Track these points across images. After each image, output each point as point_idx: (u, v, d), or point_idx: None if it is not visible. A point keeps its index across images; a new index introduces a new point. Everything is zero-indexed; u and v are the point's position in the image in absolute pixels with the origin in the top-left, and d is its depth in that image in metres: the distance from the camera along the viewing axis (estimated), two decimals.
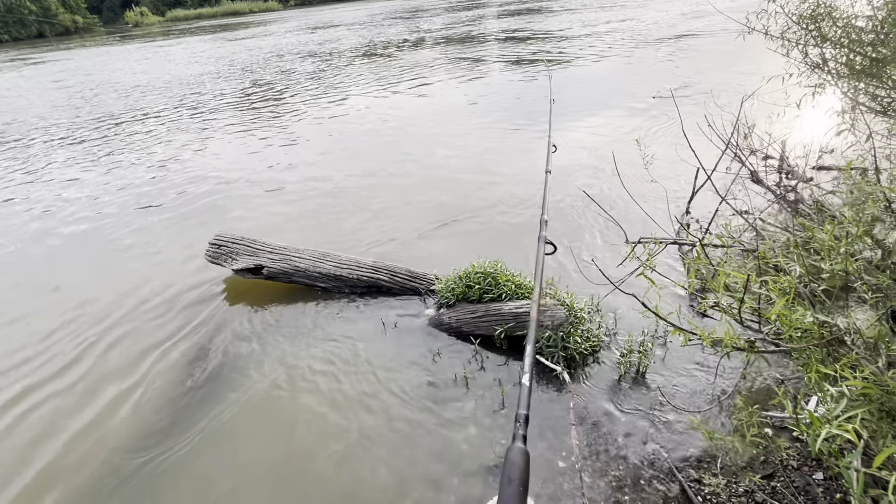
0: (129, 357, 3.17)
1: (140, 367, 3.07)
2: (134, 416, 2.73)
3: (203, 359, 3.08)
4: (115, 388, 2.93)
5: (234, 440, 2.51)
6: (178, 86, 13.10)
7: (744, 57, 8.40)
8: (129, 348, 3.26)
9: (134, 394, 2.87)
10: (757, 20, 3.33)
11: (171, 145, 7.82)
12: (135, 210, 5.51)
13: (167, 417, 2.68)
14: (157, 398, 2.83)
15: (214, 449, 2.47)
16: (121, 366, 3.10)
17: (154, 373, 3.02)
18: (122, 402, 2.82)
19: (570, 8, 21.25)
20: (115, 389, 2.92)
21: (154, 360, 3.12)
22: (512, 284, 3.03)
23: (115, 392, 2.90)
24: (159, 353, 3.18)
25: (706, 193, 3.84)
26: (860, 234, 1.60)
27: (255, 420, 2.61)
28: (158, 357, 3.14)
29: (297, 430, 2.52)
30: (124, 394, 2.88)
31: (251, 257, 3.67)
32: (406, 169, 5.92)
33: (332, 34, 21.87)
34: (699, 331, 1.78)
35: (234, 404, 2.71)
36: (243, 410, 2.67)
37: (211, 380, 2.91)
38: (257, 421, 2.61)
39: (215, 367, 3.00)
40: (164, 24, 46.71)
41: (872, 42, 3.15)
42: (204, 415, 2.65)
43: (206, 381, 2.90)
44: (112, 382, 2.98)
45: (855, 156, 3.40)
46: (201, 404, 2.73)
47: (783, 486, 1.99)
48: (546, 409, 2.49)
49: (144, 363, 3.10)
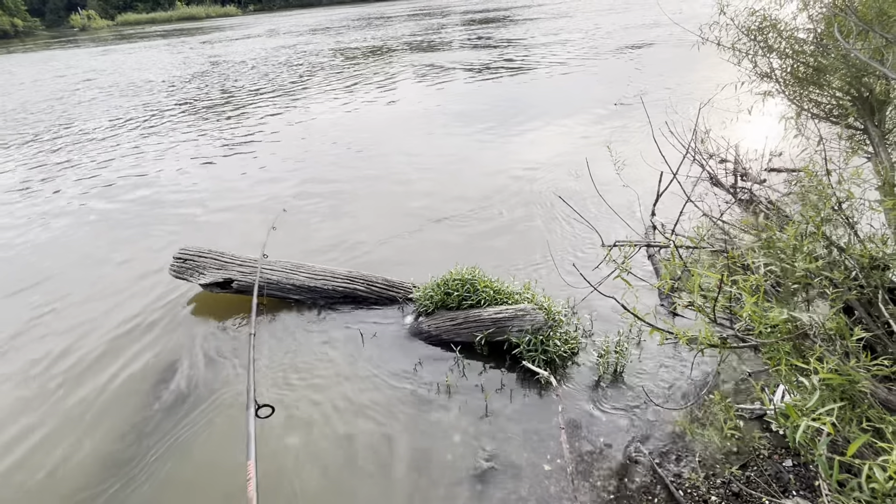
0: (91, 382, 2.97)
1: (102, 391, 2.88)
2: (97, 444, 2.54)
3: (169, 380, 2.92)
4: (76, 413, 2.73)
5: (204, 467, 2.39)
6: (127, 94, 12.50)
7: (699, 65, 8.87)
8: (90, 372, 3.05)
9: (96, 420, 2.68)
10: (710, 31, 3.52)
11: (126, 159, 7.44)
12: (89, 224, 5.19)
13: (132, 445, 2.51)
14: (122, 424, 2.65)
15: (181, 479, 2.33)
16: (82, 391, 2.90)
17: (117, 397, 2.83)
18: (83, 430, 2.63)
19: (531, 17, 21.80)
20: (77, 415, 2.72)
21: (117, 383, 2.93)
22: (490, 290, 3.04)
23: (76, 418, 2.70)
24: (123, 376, 2.99)
25: (667, 196, 4.01)
26: (818, 236, 1.71)
27: (226, 443, 2.49)
28: (121, 380, 2.95)
29: (273, 451, 2.42)
30: (86, 421, 2.69)
31: (219, 271, 3.53)
32: (375, 177, 5.87)
33: (293, 40, 21.51)
34: (676, 330, 1.84)
35: (204, 427, 2.57)
36: (213, 433, 2.55)
37: (178, 402, 2.76)
38: (228, 444, 2.49)
39: (182, 388, 2.85)
40: (114, 29, 44.55)
41: (813, 53, 3.38)
42: (171, 441, 2.51)
43: (174, 404, 2.74)
44: (73, 408, 2.77)
45: (802, 159, 3.63)
46: (168, 430, 2.58)
47: (756, 474, 2.08)
48: (530, 412, 2.51)
49: (107, 387, 2.91)
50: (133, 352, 3.18)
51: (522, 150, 6.32)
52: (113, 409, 2.75)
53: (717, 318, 1.77)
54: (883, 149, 3.08)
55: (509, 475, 2.22)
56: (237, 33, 27.96)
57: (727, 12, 3.47)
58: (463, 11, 28.70)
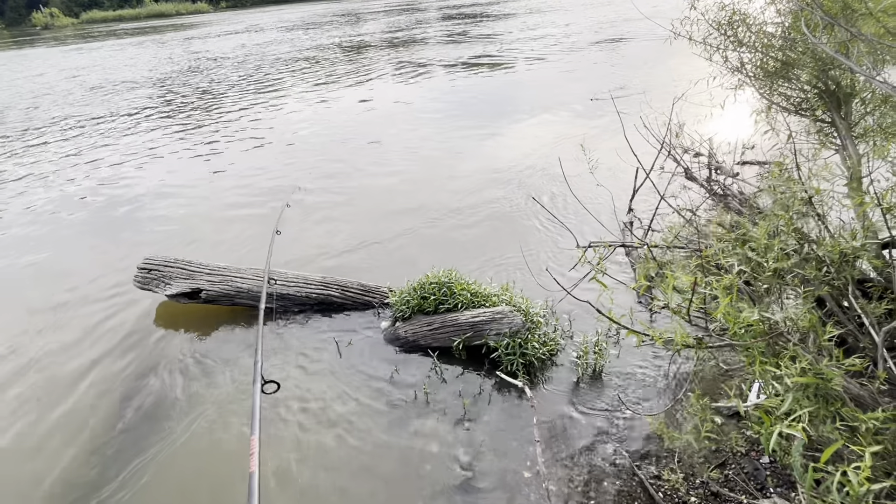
0: (51, 399, 2.81)
1: (63, 410, 2.73)
2: (56, 468, 2.40)
3: (134, 397, 2.78)
4: (35, 435, 2.58)
5: (172, 490, 2.27)
6: (90, 94, 12.03)
7: (672, 60, 8.95)
8: (49, 389, 2.89)
9: (57, 443, 2.54)
10: (681, 26, 3.51)
11: (99, 162, 7.14)
12: (51, 234, 4.95)
13: (94, 469, 2.38)
14: (84, 446, 2.51)
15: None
16: (40, 410, 2.74)
17: (79, 417, 2.69)
18: (42, 452, 2.48)
19: (508, 13, 21.77)
20: (36, 437, 2.57)
21: (78, 402, 2.79)
22: (468, 293, 2.98)
23: (35, 440, 2.55)
24: (84, 394, 2.84)
25: (645, 190, 4.01)
26: (789, 231, 1.69)
27: (196, 463, 2.38)
28: (83, 399, 2.81)
29: (245, 466, 2.32)
30: (45, 442, 2.54)
31: (187, 280, 3.39)
32: (348, 178, 5.75)
33: (268, 37, 21.03)
34: (651, 332, 1.81)
35: (171, 446, 2.46)
36: (182, 453, 2.43)
37: (144, 421, 2.63)
38: (198, 464, 2.38)
39: (149, 405, 2.72)
40: (79, 27, 42.88)
41: (782, 47, 3.41)
42: (136, 464, 2.38)
43: (139, 423, 2.62)
44: (31, 428, 2.62)
45: (773, 153, 3.67)
46: (133, 452, 2.45)
47: (734, 473, 2.08)
48: (509, 418, 2.47)
49: (67, 406, 2.76)
50: (95, 368, 3.03)
51: (500, 147, 6.27)
52: (79, 430, 2.61)
53: (692, 318, 1.75)
54: (850, 141, 3.12)
55: (489, 483, 2.17)
56: (208, 31, 27.22)
57: (697, 7, 3.48)
58: (438, 7, 28.52)
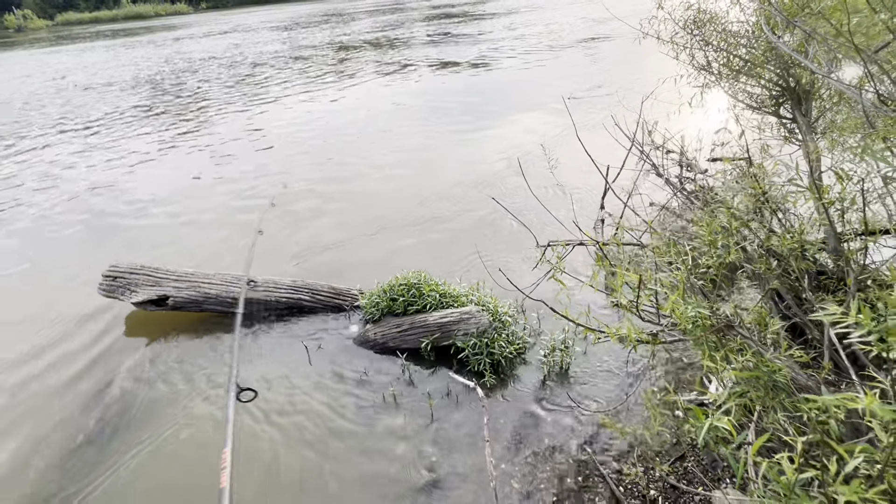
0: (9, 411, 2.74)
1: (22, 421, 2.67)
2: (14, 483, 2.34)
3: (97, 408, 2.72)
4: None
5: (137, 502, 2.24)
6: (71, 97, 11.77)
7: (645, 59, 9.05)
8: (9, 401, 2.82)
9: (15, 456, 2.48)
10: (649, 26, 3.56)
11: (77, 166, 6.99)
12: (27, 241, 4.83)
13: (52, 483, 2.33)
14: (44, 458, 2.45)
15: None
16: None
17: (39, 428, 2.62)
18: (0, 467, 2.42)
19: (491, 13, 21.83)
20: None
21: (39, 413, 2.72)
22: (436, 294, 2.99)
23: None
24: (46, 405, 2.77)
25: (617, 189, 4.05)
26: (736, 228, 1.72)
27: (161, 473, 2.34)
28: (44, 410, 2.74)
29: (211, 474, 2.29)
30: (2, 456, 2.47)
31: (153, 287, 3.33)
32: (330, 179, 5.71)
33: (250, 38, 20.79)
34: (606, 329, 1.83)
35: (134, 459, 2.41)
36: (147, 463, 2.39)
37: (108, 432, 2.58)
38: (164, 474, 2.34)
39: (112, 416, 2.66)
40: (54, 29, 41.90)
41: (745, 45, 3.48)
42: (98, 479, 2.33)
43: (102, 435, 2.56)
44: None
45: (737, 151, 3.73)
46: (96, 463, 2.40)
47: (693, 465, 2.11)
48: (476, 417, 2.47)
49: (27, 418, 2.69)
50: (58, 378, 2.96)
51: (477, 147, 6.29)
52: (38, 442, 2.55)
53: (642, 315, 1.77)
54: (810, 137, 3.19)
55: (456, 483, 2.18)
56: (188, 32, 26.81)
57: (664, 7, 3.53)
58: (421, 7, 28.49)
